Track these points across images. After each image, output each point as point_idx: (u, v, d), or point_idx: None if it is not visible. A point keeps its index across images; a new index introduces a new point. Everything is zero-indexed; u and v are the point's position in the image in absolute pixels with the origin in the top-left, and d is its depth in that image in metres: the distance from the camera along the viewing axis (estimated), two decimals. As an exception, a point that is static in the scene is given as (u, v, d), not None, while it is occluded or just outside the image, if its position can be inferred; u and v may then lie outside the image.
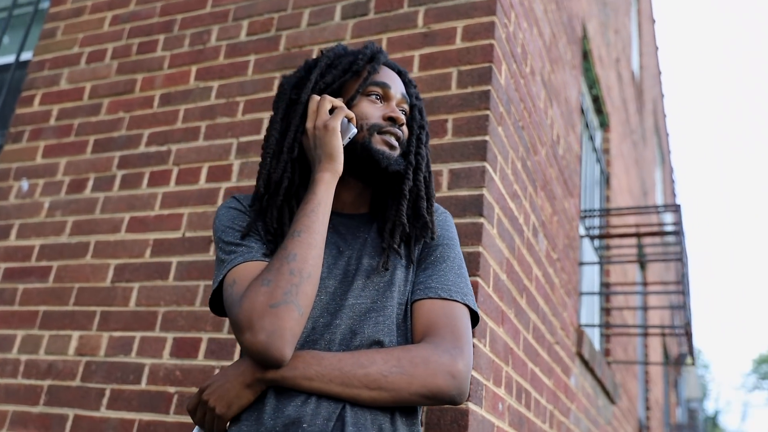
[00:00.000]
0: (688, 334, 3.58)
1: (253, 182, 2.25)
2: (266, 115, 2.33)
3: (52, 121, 2.74)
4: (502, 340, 2.03)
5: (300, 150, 1.32)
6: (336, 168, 1.26)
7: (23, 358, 2.31)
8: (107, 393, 2.14)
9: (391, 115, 1.32)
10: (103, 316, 2.26)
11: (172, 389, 2.06)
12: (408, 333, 1.27)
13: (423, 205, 1.34)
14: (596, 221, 4.02)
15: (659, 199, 9.90)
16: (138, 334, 2.18)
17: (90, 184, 2.53)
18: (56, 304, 2.36)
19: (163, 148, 2.46)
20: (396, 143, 1.32)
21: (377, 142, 1.30)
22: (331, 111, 1.30)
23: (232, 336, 2.05)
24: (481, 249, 1.87)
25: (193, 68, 2.56)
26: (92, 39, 2.86)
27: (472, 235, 1.89)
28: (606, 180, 4.57)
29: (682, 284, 3.55)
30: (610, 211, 4.02)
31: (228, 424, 1.20)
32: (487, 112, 2.01)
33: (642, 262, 5.29)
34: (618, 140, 5.05)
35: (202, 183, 2.33)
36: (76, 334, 2.27)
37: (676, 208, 3.39)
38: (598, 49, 4.24)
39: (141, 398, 2.09)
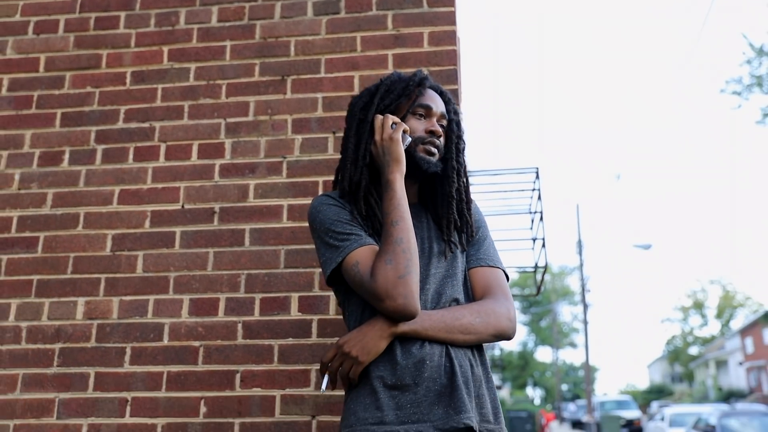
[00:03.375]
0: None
1: (247, 160, 2.55)
2: (252, 99, 2.62)
3: (4, 91, 2.76)
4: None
5: (370, 157, 1.75)
6: (402, 169, 1.69)
7: (23, 324, 2.44)
8: (128, 351, 2.37)
9: (431, 129, 1.75)
10: (109, 283, 2.46)
11: (196, 343, 2.36)
12: (468, 291, 1.76)
13: (464, 207, 1.80)
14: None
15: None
16: (151, 297, 2.43)
17: (66, 157, 2.64)
18: (51, 273, 2.49)
19: (145, 125, 2.65)
20: (435, 150, 1.75)
21: (420, 151, 1.74)
22: (392, 126, 1.74)
23: (250, 294, 2.39)
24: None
25: (165, 48, 2.74)
26: (36, 8, 2.87)
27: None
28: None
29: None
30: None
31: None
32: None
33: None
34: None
35: (195, 159, 2.58)
36: (81, 300, 2.45)
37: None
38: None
39: (166, 353, 2.36)
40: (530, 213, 4.31)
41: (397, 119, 1.73)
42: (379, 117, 1.74)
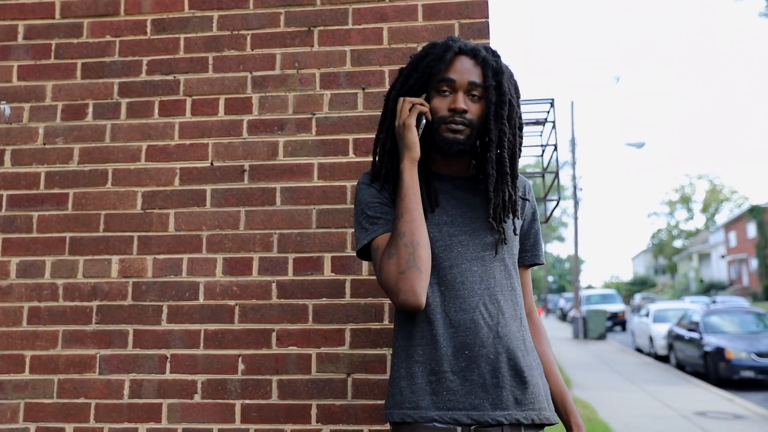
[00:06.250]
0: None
1: (275, 116, 2.52)
2: (278, 52, 2.56)
3: (20, 39, 2.68)
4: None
5: (393, 144, 1.74)
6: (413, 156, 1.65)
7: (59, 282, 2.48)
8: (164, 309, 2.43)
9: (452, 106, 1.63)
10: (142, 241, 2.49)
11: (232, 302, 2.41)
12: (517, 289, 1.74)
13: (507, 181, 1.66)
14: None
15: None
16: (185, 256, 2.46)
17: (90, 110, 2.60)
18: (83, 230, 2.51)
19: (169, 77, 2.59)
20: (461, 127, 1.64)
21: (443, 131, 1.66)
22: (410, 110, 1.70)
23: (284, 254, 2.42)
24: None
25: (185, -5, 2.65)
26: (47, -52, 2.75)
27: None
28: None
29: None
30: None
31: None
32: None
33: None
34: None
35: (222, 115, 2.54)
36: (115, 258, 2.48)
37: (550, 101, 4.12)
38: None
39: (202, 311, 2.42)
40: (542, 146, 4.29)
41: (417, 100, 1.68)
42: (400, 100, 1.70)
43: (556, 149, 4.08)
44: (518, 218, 1.77)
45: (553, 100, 4.14)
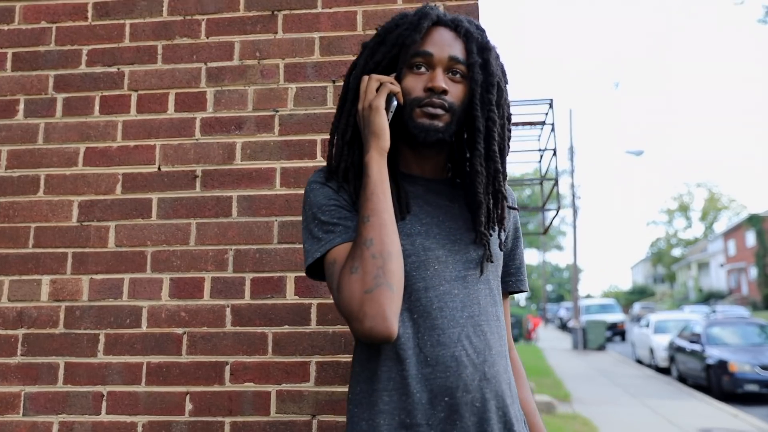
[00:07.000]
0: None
1: (232, 113, 2.18)
2: (237, 39, 2.22)
3: (-56, 26, 2.34)
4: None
5: (354, 132, 1.39)
6: (381, 145, 1.30)
7: (-19, 306, 2.13)
8: (101, 338, 2.08)
9: (430, 85, 1.32)
10: (77, 258, 2.14)
11: (179, 330, 2.06)
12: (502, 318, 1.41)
13: (500, 181, 1.35)
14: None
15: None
16: (126, 276, 2.11)
17: (21, 107, 2.25)
18: (9, 246, 2.16)
19: (112, 69, 2.25)
20: (440, 111, 1.32)
21: (417, 116, 1.33)
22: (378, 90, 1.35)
23: (240, 274, 2.08)
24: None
25: (131, -25, 2.31)
26: (-23, -77, 2.41)
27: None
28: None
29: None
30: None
31: None
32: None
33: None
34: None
35: (172, 112, 2.20)
36: (46, 279, 2.13)
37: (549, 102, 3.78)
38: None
39: (145, 341, 2.07)
40: (540, 151, 3.97)
41: (387, 78, 1.34)
42: (365, 79, 1.36)
43: (555, 154, 3.74)
44: (503, 231, 1.44)
45: (551, 100, 3.80)
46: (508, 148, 1.41)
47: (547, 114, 3.81)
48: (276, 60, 2.20)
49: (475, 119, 1.34)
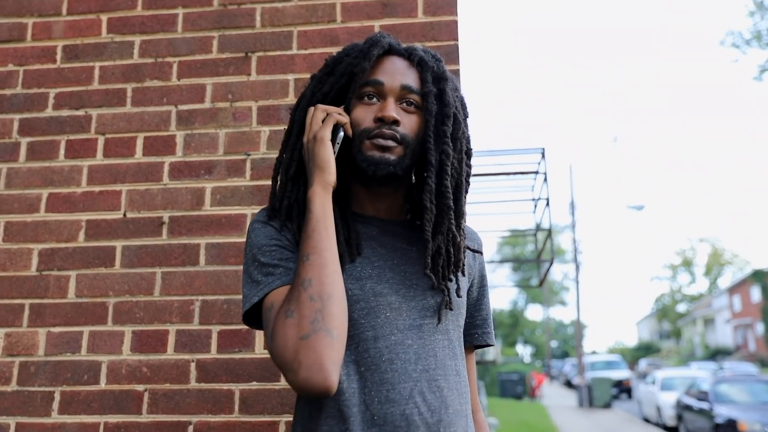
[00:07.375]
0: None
1: (202, 157, 2.08)
2: (209, 81, 2.14)
3: None
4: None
5: (299, 167, 1.28)
6: (326, 179, 1.20)
7: (-70, 362, 2.00)
8: (56, 396, 1.94)
9: (380, 115, 1.22)
10: (35, 310, 2.01)
11: (140, 387, 1.92)
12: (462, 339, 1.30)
13: (451, 219, 1.23)
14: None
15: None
16: (86, 329, 1.98)
17: (-17, 152, 2.16)
18: (-36, 296, 2.04)
19: (79, 113, 2.16)
20: (391, 143, 1.22)
21: (367, 148, 1.23)
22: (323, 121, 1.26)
23: (206, 326, 1.95)
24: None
25: (103, 17, 2.25)
26: (-52, -33, 2.36)
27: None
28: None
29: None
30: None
31: None
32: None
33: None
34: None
35: (139, 156, 2.11)
36: (0, 332, 2.00)
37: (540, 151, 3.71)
38: None
39: (103, 399, 1.92)
40: (534, 200, 3.87)
41: (333, 109, 1.25)
42: (310, 110, 1.26)
43: (548, 204, 3.64)
44: (464, 275, 1.31)
45: (543, 149, 3.72)
46: (467, 184, 1.29)
47: (539, 163, 3.73)
48: (249, 102, 2.12)
49: (428, 152, 1.23)
